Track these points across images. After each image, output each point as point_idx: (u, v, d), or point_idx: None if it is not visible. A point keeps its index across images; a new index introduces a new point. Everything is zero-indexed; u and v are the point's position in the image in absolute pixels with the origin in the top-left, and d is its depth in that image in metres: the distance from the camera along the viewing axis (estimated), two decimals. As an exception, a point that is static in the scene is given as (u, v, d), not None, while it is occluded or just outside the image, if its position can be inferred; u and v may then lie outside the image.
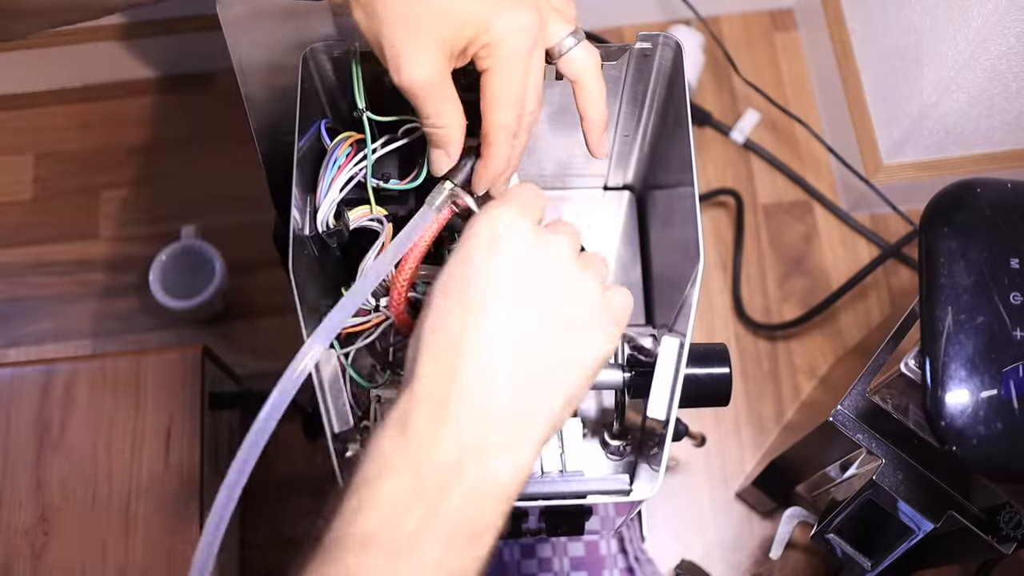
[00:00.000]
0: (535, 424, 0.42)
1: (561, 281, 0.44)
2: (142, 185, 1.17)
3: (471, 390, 0.41)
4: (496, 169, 0.51)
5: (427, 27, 0.46)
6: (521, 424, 0.42)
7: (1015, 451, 0.54)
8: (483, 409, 0.41)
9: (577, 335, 0.44)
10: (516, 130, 0.50)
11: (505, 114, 0.49)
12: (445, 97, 0.48)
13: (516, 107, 0.49)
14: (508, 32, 0.47)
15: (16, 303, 1.11)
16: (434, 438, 0.40)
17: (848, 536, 0.65)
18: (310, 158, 0.58)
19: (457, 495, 0.39)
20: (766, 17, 1.25)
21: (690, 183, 0.56)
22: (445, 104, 0.48)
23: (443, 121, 0.49)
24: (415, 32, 0.46)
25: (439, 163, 0.51)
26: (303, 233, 0.56)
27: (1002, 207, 0.59)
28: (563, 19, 0.52)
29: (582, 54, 0.52)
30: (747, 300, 1.11)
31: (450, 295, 0.43)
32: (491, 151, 0.50)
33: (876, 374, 0.66)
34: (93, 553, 0.80)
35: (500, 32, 0.47)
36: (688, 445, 0.94)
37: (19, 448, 0.82)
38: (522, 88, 0.49)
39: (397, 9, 0.46)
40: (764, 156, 1.17)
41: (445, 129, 0.49)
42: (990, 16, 0.81)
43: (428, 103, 0.48)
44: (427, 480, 0.39)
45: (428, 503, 0.39)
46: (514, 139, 0.50)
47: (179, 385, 0.85)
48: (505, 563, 0.87)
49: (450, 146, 0.50)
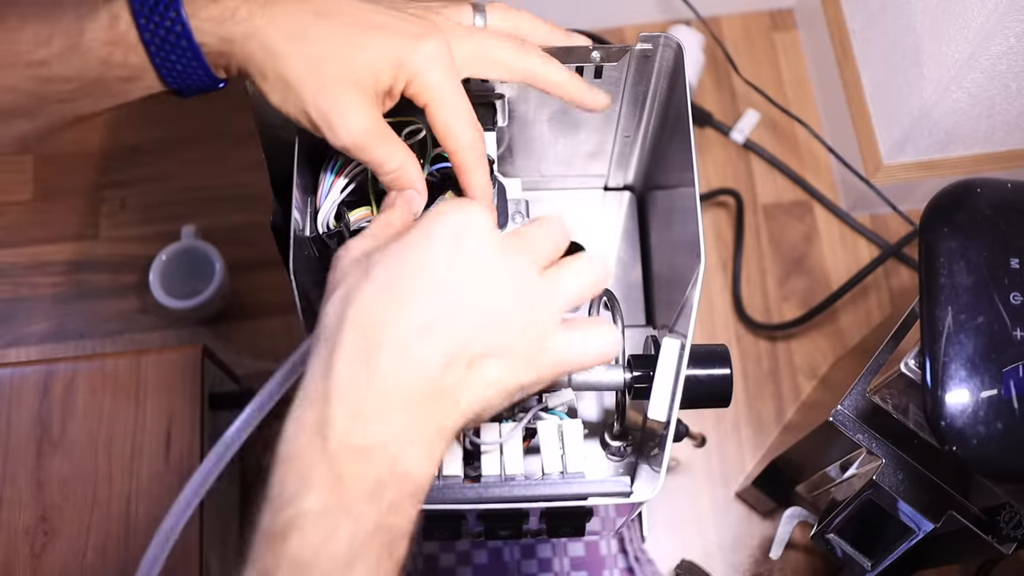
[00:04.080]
0: (444, 418, 0.41)
1: (495, 299, 0.42)
2: (142, 185, 1.17)
3: (387, 389, 0.39)
4: (484, 190, 0.51)
5: (343, 83, 0.46)
6: (432, 418, 0.40)
7: (1015, 451, 0.54)
8: (399, 408, 0.39)
9: (491, 359, 0.41)
10: (482, 147, 0.50)
11: (466, 135, 0.49)
12: (388, 140, 0.48)
13: (472, 125, 0.49)
14: (427, 61, 0.47)
15: (16, 303, 1.11)
16: (354, 446, 0.39)
17: (848, 536, 0.65)
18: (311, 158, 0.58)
19: (381, 504, 0.39)
20: (766, 17, 1.25)
21: (691, 183, 0.56)
22: (391, 147, 0.48)
23: (396, 163, 0.49)
24: (333, 92, 0.46)
25: (410, 203, 0.50)
26: (303, 234, 0.56)
27: (1002, 207, 0.59)
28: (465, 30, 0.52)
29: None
30: (747, 300, 1.11)
31: (379, 290, 0.41)
32: (469, 177, 0.50)
33: (876, 374, 0.66)
34: (93, 553, 0.80)
35: (418, 64, 0.47)
36: (688, 445, 0.94)
37: (19, 448, 0.82)
38: (466, 106, 0.49)
39: (307, 76, 0.46)
40: (764, 156, 1.17)
41: (401, 168, 0.49)
42: (990, 16, 0.81)
43: (375, 152, 0.48)
44: (351, 493, 0.38)
45: (355, 520, 0.38)
46: (483, 157, 0.50)
47: (179, 385, 0.85)
48: (505, 563, 0.87)
49: (415, 182, 0.50)
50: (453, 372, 0.40)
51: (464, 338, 0.41)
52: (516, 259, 0.43)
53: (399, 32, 0.47)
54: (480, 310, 0.41)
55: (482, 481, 0.53)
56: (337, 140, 0.47)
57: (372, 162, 0.48)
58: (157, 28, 0.44)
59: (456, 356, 0.40)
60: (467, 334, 0.41)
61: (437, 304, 0.40)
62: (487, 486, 0.52)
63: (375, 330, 0.40)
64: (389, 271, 0.41)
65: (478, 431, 0.54)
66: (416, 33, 0.47)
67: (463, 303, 0.41)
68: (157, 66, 0.46)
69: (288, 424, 0.40)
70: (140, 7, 0.44)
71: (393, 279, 0.41)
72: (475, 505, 0.51)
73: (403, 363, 0.40)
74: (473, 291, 0.41)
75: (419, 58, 0.47)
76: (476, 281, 0.41)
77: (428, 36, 0.47)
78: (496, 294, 0.41)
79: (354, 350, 0.40)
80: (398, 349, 0.40)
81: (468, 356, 0.41)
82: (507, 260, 0.42)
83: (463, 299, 0.41)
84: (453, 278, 0.41)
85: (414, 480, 0.40)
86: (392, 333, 0.40)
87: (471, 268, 0.41)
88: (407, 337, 0.40)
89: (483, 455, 0.54)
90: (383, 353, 0.40)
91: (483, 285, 0.41)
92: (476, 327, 0.41)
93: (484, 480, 0.54)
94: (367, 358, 0.40)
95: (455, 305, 0.41)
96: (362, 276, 0.41)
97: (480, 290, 0.41)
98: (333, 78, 0.46)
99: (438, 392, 0.40)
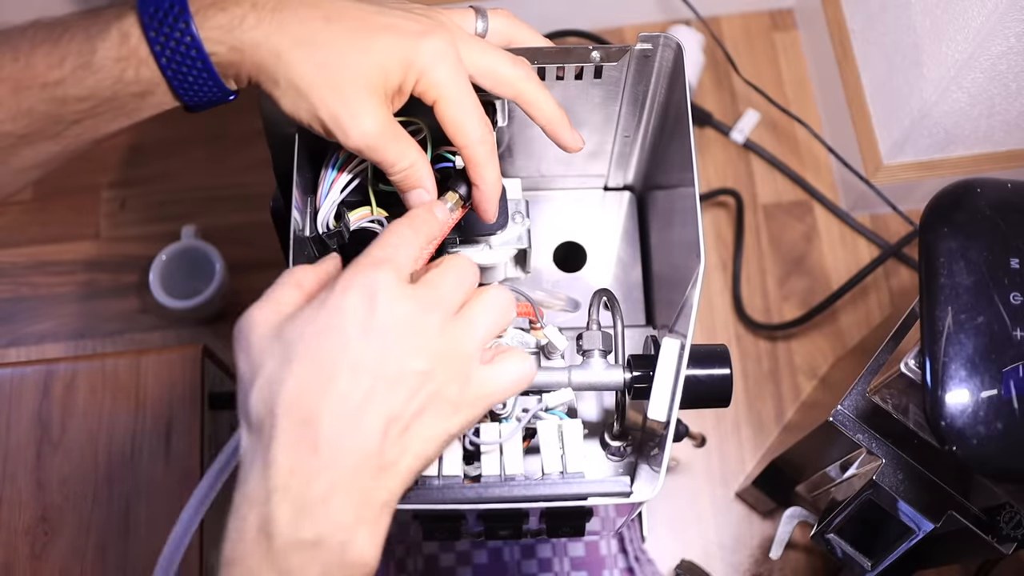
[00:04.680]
0: (388, 493, 0.41)
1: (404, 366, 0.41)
2: (142, 185, 1.17)
3: (329, 475, 0.39)
4: (494, 185, 0.51)
5: (353, 85, 0.46)
6: (376, 496, 0.40)
7: (1015, 451, 0.54)
8: (343, 494, 0.39)
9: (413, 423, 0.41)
10: (491, 141, 0.50)
11: (476, 130, 0.49)
12: (399, 139, 0.48)
13: (480, 120, 0.49)
14: (434, 58, 0.47)
15: (16, 303, 1.11)
16: (300, 541, 0.38)
17: (848, 536, 0.65)
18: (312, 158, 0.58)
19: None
20: (766, 17, 1.25)
21: (691, 183, 0.56)
22: (402, 146, 0.48)
23: (407, 162, 0.49)
24: (344, 95, 0.46)
25: (419, 200, 0.51)
26: (303, 234, 0.56)
27: (1002, 207, 0.59)
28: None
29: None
30: (747, 300, 1.11)
31: (317, 359, 0.40)
32: (480, 171, 0.50)
33: (876, 374, 0.66)
34: (93, 553, 0.80)
35: (426, 62, 0.47)
36: (688, 445, 0.94)
37: (19, 448, 0.82)
38: (475, 101, 0.49)
39: (317, 81, 0.46)
40: (764, 156, 1.17)
41: (412, 167, 0.49)
42: (990, 16, 0.81)
43: (387, 152, 0.48)
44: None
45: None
46: (493, 151, 0.50)
47: (179, 385, 0.85)
48: (505, 563, 0.87)
49: (424, 180, 0.50)
50: (392, 441, 0.40)
51: (398, 404, 0.40)
52: (432, 313, 0.42)
53: (406, 31, 0.47)
54: (407, 372, 0.41)
55: (482, 481, 0.53)
56: (350, 142, 0.47)
57: (384, 162, 0.48)
58: (167, 40, 0.44)
59: (393, 423, 0.40)
60: (400, 400, 0.40)
61: (365, 378, 0.40)
62: (487, 486, 0.52)
63: (309, 416, 0.39)
64: (312, 352, 0.40)
65: (478, 431, 0.54)
66: (422, 31, 0.47)
67: (390, 370, 0.40)
68: (169, 79, 0.46)
69: (230, 525, 0.40)
70: (150, 20, 0.44)
71: (318, 360, 0.40)
72: (475, 505, 0.51)
73: (343, 444, 0.39)
74: (396, 355, 0.41)
75: (426, 56, 0.47)
76: (398, 345, 0.41)
77: (434, 34, 0.48)
78: (418, 352, 0.41)
79: (291, 440, 0.39)
80: (336, 431, 0.39)
81: (404, 421, 0.41)
82: (424, 315, 0.42)
83: (389, 366, 0.40)
84: (375, 348, 0.40)
85: (362, 564, 0.40)
86: (327, 417, 0.39)
87: (390, 333, 0.41)
88: (343, 418, 0.39)
89: (483, 455, 0.54)
90: (321, 438, 0.39)
91: (405, 347, 0.41)
92: (406, 389, 0.41)
93: (484, 480, 0.54)
94: (306, 446, 0.39)
95: (382, 374, 0.40)
96: (284, 360, 0.40)
97: (402, 352, 0.41)
98: (343, 81, 0.46)
99: (380, 466, 0.40)
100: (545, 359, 0.60)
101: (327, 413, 0.39)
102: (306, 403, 0.39)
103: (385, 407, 0.40)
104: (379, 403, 0.40)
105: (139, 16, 0.45)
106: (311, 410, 0.39)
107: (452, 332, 0.43)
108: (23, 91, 0.45)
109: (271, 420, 0.39)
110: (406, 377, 0.41)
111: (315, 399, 0.39)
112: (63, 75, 0.45)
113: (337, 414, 0.39)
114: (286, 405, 0.39)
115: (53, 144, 0.48)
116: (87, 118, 0.47)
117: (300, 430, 0.39)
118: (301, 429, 0.39)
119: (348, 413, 0.39)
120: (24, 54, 0.45)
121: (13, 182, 0.51)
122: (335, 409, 0.39)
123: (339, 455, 0.39)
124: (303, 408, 0.39)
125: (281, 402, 0.39)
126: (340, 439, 0.39)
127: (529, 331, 0.58)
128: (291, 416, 0.39)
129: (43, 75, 0.45)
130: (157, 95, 0.47)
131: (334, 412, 0.39)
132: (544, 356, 0.60)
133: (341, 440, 0.39)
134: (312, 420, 0.39)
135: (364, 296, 0.41)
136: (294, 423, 0.39)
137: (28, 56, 0.45)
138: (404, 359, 0.41)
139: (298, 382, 0.39)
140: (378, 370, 0.40)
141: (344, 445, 0.39)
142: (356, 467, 0.39)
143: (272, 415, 0.39)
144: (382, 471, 0.40)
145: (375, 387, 0.40)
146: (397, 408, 0.40)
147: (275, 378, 0.40)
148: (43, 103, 0.46)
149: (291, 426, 0.39)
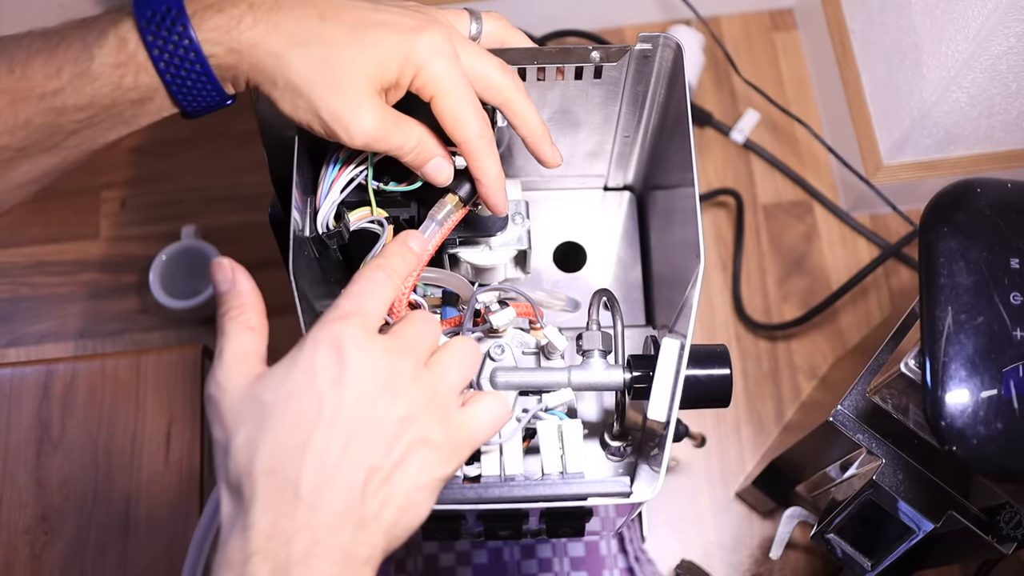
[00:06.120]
0: (371, 548, 0.40)
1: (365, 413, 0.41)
2: (142, 185, 1.17)
3: (310, 533, 0.38)
4: (497, 178, 0.51)
5: (351, 83, 0.46)
6: (359, 551, 0.40)
7: (1015, 451, 0.54)
8: (325, 553, 0.38)
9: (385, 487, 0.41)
10: (490, 134, 0.50)
11: (473, 125, 0.49)
12: (400, 123, 0.49)
13: (479, 114, 0.49)
14: (431, 53, 0.47)
15: (16, 303, 1.11)
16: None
17: (848, 536, 0.65)
18: (311, 158, 0.58)
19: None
20: (766, 17, 1.25)
21: (691, 183, 0.56)
22: (404, 128, 0.49)
23: (414, 140, 0.49)
24: (343, 92, 0.46)
25: (440, 171, 0.51)
26: (303, 234, 0.56)
27: (1002, 207, 0.59)
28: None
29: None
30: (747, 300, 1.11)
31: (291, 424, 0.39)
32: (481, 165, 0.50)
33: (876, 374, 0.66)
34: (93, 553, 0.80)
35: (422, 56, 0.47)
36: (688, 445, 0.94)
37: (19, 448, 0.82)
38: (472, 95, 0.49)
39: (316, 79, 0.46)
40: (764, 156, 1.17)
41: (421, 143, 0.49)
42: (990, 16, 0.81)
43: (392, 139, 0.48)
44: None
45: None
46: (492, 144, 0.50)
47: (179, 385, 0.85)
48: (505, 563, 0.87)
49: (436, 150, 0.50)
50: (372, 493, 0.40)
51: (377, 455, 0.40)
52: (403, 360, 0.42)
53: (402, 27, 0.47)
54: (384, 421, 0.41)
55: (482, 481, 0.53)
56: (353, 140, 0.47)
57: (391, 150, 0.49)
58: (165, 43, 0.44)
59: (373, 474, 0.40)
60: (379, 450, 0.40)
61: (341, 432, 0.40)
62: (487, 486, 0.52)
63: (288, 476, 0.39)
64: (286, 413, 0.40)
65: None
66: (419, 27, 0.48)
67: (367, 422, 0.40)
68: (167, 83, 0.46)
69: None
70: (147, 24, 0.44)
71: (293, 420, 0.39)
72: (475, 505, 0.51)
73: (321, 501, 0.39)
74: (372, 406, 0.41)
75: (423, 50, 0.47)
76: (373, 395, 0.41)
77: (431, 29, 0.48)
78: (395, 399, 0.41)
79: (270, 501, 0.38)
80: (314, 489, 0.39)
81: (385, 471, 0.40)
82: (395, 364, 0.42)
83: (366, 418, 0.40)
84: (350, 400, 0.40)
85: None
86: (306, 474, 0.39)
87: (364, 384, 0.41)
88: (321, 474, 0.39)
89: (483, 455, 0.54)
90: (300, 497, 0.38)
91: (382, 396, 0.41)
92: (385, 439, 0.40)
93: (484, 480, 0.54)
94: (284, 507, 0.38)
95: (359, 427, 0.40)
96: (259, 423, 0.40)
97: (379, 401, 0.41)
98: (342, 79, 0.46)
99: (361, 520, 0.40)
100: (545, 359, 0.60)
101: (305, 471, 0.39)
102: (283, 463, 0.39)
103: (364, 459, 0.40)
104: (357, 455, 0.40)
105: (136, 20, 0.44)
106: (289, 470, 0.39)
107: (426, 379, 0.43)
108: (20, 103, 0.45)
109: (250, 483, 0.39)
110: (384, 426, 0.40)
111: (292, 458, 0.39)
112: (61, 84, 0.45)
113: (315, 471, 0.39)
114: (264, 467, 0.39)
115: (51, 156, 0.48)
116: (85, 128, 0.47)
117: (279, 491, 0.39)
118: (280, 490, 0.39)
119: (326, 469, 0.39)
120: (20, 65, 0.45)
121: (10, 198, 0.50)
122: (312, 466, 0.39)
123: (318, 512, 0.39)
124: (281, 468, 0.39)
125: (258, 464, 0.39)
126: (318, 496, 0.39)
127: (529, 331, 0.58)
128: (269, 477, 0.39)
129: (40, 85, 0.45)
130: (156, 101, 0.47)
131: (312, 469, 0.39)
132: (544, 356, 0.60)
133: (319, 497, 0.39)
134: (290, 480, 0.39)
135: (332, 351, 0.41)
136: (272, 484, 0.39)
137: (24, 67, 0.45)
138: (381, 408, 0.41)
139: (275, 443, 0.39)
140: (354, 423, 0.40)
141: (322, 502, 0.39)
142: (336, 523, 0.39)
143: (251, 477, 0.39)
144: (363, 525, 0.40)
145: (351, 439, 0.40)
146: (377, 459, 0.40)
147: (252, 441, 0.39)
148: (41, 114, 0.45)
149: (269, 487, 0.39)
